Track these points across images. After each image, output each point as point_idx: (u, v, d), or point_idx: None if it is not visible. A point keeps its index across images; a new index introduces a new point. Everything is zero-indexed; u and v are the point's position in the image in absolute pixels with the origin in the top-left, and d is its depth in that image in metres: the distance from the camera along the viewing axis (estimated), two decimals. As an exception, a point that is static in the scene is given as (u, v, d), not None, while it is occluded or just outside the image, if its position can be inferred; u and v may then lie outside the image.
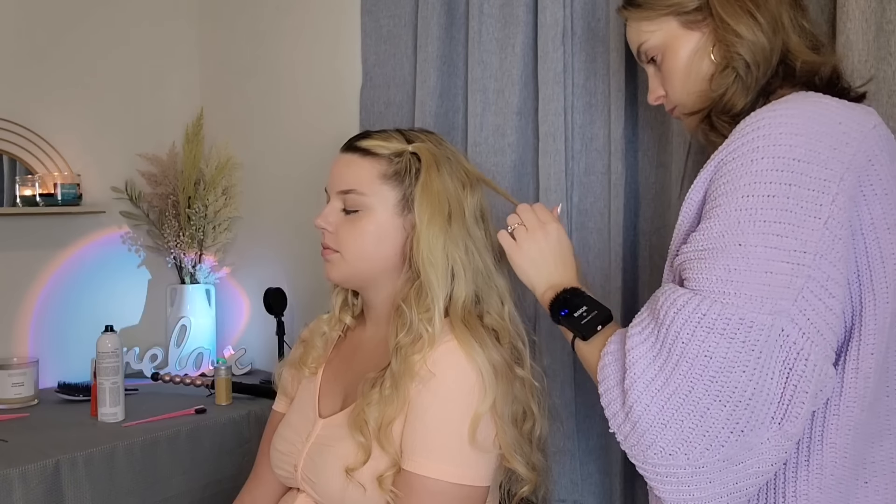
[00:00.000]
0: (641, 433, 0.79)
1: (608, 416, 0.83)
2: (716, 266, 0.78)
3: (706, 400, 0.76)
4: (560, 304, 0.96)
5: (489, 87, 1.52)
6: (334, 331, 1.21)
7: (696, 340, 0.76)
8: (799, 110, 0.82)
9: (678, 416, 0.77)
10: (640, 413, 0.78)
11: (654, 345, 0.79)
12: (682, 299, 0.78)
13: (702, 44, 0.95)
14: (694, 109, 0.97)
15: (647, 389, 0.78)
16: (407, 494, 0.99)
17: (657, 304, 0.82)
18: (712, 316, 0.76)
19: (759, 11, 0.91)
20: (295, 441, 1.13)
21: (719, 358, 0.75)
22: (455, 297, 1.06)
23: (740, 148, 0.81)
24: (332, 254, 1.11)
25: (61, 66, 2.01)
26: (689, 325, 0.77)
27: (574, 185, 1.44)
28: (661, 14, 0.97)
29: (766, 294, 0.77)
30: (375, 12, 1.76)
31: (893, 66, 1.05)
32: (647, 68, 1.03)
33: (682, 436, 0.77)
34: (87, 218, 2.04)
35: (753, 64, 0.90)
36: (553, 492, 1.39)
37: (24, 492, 1.38)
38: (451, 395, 1.00)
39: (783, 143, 0.79)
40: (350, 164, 1.10)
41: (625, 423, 0.81)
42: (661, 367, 0.78)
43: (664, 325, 0.79)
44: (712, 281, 0.78)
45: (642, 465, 0.81)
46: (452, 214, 1.07)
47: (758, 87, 0.91)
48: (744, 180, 0.79)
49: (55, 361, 1.98)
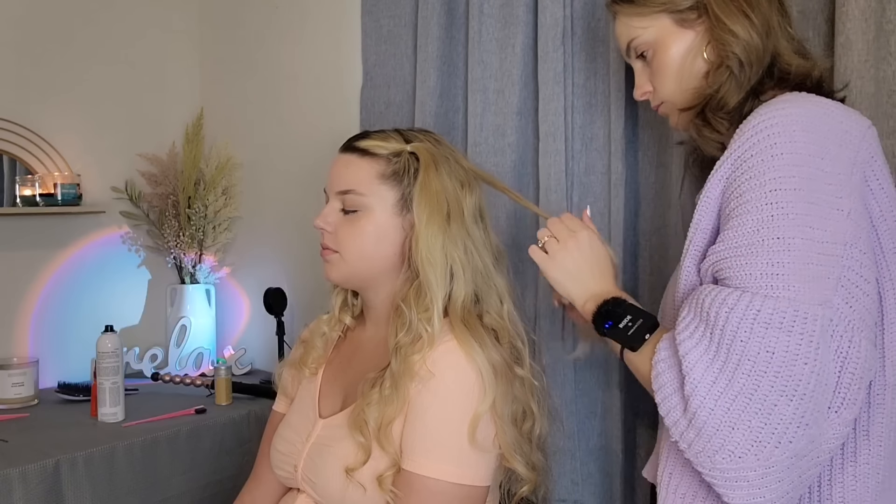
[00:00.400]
0: (708, 438, 0.78)
1: (668, 425, 0.82)
2: (757, 262, 0.79)
3: (773, 396, 0.76)
4: (603, 316, 0.94)
5: (489, 87, 1.52)
6: (334, 331, 1.21)
7: (755, 337, 0.76)
8: (805, 109, 0.83)
9: (746, 416, 0.76)
10: (705, 418, 0.77)
11: (708, 346, 0.79)
12: (731, 298, 0.78)
13: (696, 42, 0.96)
14: (687, 105, 0.98)
15: (710, 393, 0.77)
16: (407, 494, 0.99)
17: (702, 305, 0.81)
18: (767, 311, 0.76)
19: (753, 13, 0.92)
20: (295, 441, 1.13)
21: (781, 352, 0.76)
22: (454, 296, 1.06)
23: (758, 144, 0.82)
24: (331, 254, 1.11)
25: (61, 66, 2.01)
26: (746, 322, 0.77)
27: (574, 185, 1.44)
28: (654, 11, 0.97)
29: (812, 285, 0.78)
30: (375, 12, 1.76)
31: (893, 66, 1.05)
32: (634, 64, 1.04)
33: (751, 436, 0.76)
34: (87, 218, 2.04)
35: (747, 63, 0.92)
36: (553, 492, 1.39)
37: (24, 492, 1.38)
38: (451, 395, 1.00)
39: (798, 139, 0.81)
40: (348, 164, 1.10)
41: (688, 430, 0.80)
42: (722, 368, 0.78)
43: (717, 325, 0.78)
44: (757, 276, 0.78)
45: (710, 472, 0.79)
46: (451, 214, 1.07)
47: (749, 86, 0.93)
48: (768, 175, 0.80)
49: (55, 361, 1.98)
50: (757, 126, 0.83)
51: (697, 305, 0.82)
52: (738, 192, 0.82)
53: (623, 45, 1.03)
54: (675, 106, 1.00)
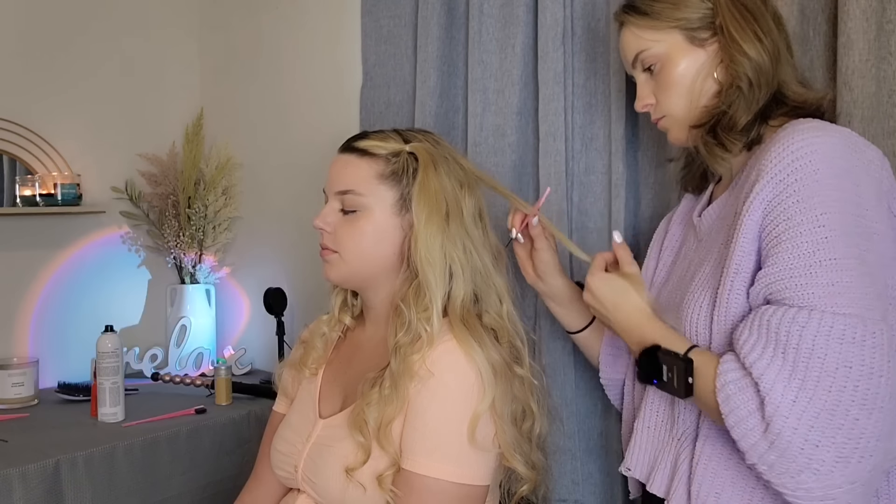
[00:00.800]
0: (793, 458, 0.78)
1: (744, 449, 0.82)
2: (818, 281, 0.80)
3: (854, 410, 0.77)
4: (647, 376, 0.94)
5: (489, 87, 1.52)
6: (334, 331, 1.21)
7: (832, 353, 0.78)
8: (838, 138, 0.86)
9: (829, 433, 0.77)
10: (790, 437, 0.78)
11: (783, 365, 0.79)
12: (801, 316, 0.79)
13: (707, 62, 0.98)
14: (697, 123, 1.00)
15: (793, 411, 0.78)
16: (407, 494, 0.99)
17: (769, 325, 0.81)
18: (840, 327, 0.78)
19: (765, 38, 0.95)
20: (295, 442, 1.13)
21: (858, 366, 0.77)
22: (454, 296, 1.06)
23: (802, 169, 0.84)
24: (330, 254, 1.11)
25: (62, 66, 2.01)
26: (821, 338, 0.78)
27: (574, 185, 1.44)
28: (668, 26, 0.99)
29: (871, 302, 0.80)
30: (375, 12, 1.76)
31: (893, 66, 1.05)
32: (637, 75, 1.05)
33: (836, 452, 0.77)
34: (87, 218, 2.04)
35: (756, 85, 0.94)
36: (553, 491, 1.39)
37: (24, 492, 1.38)
38: (451, 395, 1.00)
39: (838, 165, 0.84)
40: (347, 164, 1.10)
41: (769, 452, 0.80)
42: (801, 386, 0.78)
43: (791, 344, 0.79)
44: (820, 296, 0.80)
45: (794, 492, 0.79)
46: (450, 214, 1.07)
47: (758, 108, 0.95)
48: (816, 199, 0.82)
49: (55, 361, 1.98)
50: (797, 151, 0.84)
51: (762, 326, 0.82)
52: (786, 216, 0.84)
53: (629, 56, 1.04)
54: (679, 121, 1.01)
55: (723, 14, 0.96)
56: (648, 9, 1.00)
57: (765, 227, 0.86)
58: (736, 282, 0.88)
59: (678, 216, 1.15)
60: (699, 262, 0.99)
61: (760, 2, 0.99)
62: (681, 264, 1.07)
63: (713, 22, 0.97)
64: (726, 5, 0.96)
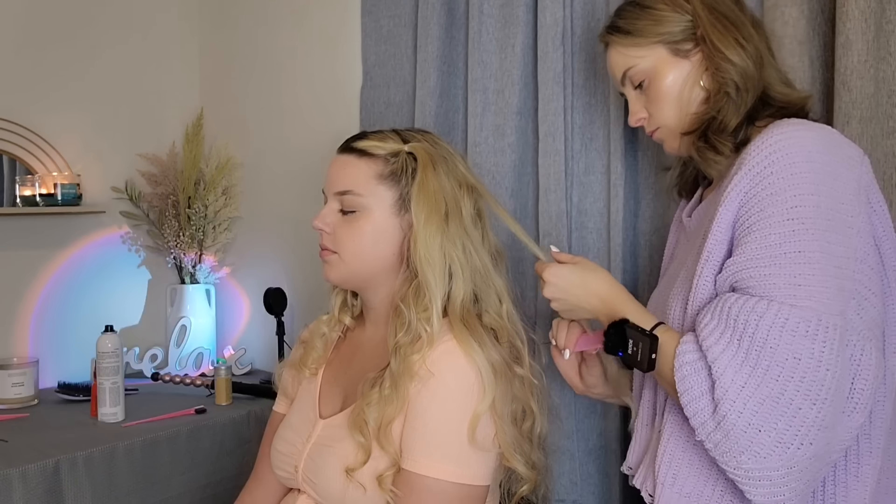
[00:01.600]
0: (736, 439, 0.81)
1: (695, 426, 0.85)
2: (781, 273, 0.83)
3: (798, 400, 0.80)
4: (612, 346, 0.96)
5: (489, 87, 1.52)
6: (334, 332, 1.21)
7: (783, 344, 0.80)
8: (816, 133, 0.88)
9: (772, 419, 0.80)
10: (734, 420, 0.81)
11: (736, 352, 0.82)
12: (760, 306, 0.82)
13: (692, 72, 1.02)
14: (688, 130, 1.03)
15: (740, 396, 0.81)
16: (407, 494, 0.99)
17: (729, 312, 0.84)
18: (794, 319, 0.81)
19: (746, 43, 0.99)
20: (295, 442, 1.13)
21: (807, 359, 0.80)
22: (453, 296, 1.06)
23: (778, 162, 0.86)
24: (330, 255, 1.11)
25: (61, 66, 2.01)
26: (775, 330, 0.81)
27: (574, 185, 1.44)
28: (651, 42, 1.03)
29: (832, 296, 0.82)
30: (375, 12, 1.76)
31: (893, 66, 1.05)
32: (627, 92, 1.08)
33: (776, 437, 0.80)
34: (87, 218, 2.04)
35: (743, 88, 0.97)
36: (553, 491, 1.39)
37: (24, 492, 1.38)
38: (451, 395, 1.00)
39: (815, 159, 0.85)
40: (346, 164, 1.10)
41: (716, 432, 0.83)
42: (751, 373, 0.81)
43: (747, 332, 0.82)
44: (781, 287, 0.82)
45: (734, 470, 0.83)
46: (449, 214, 1.07)
47: (746, 110, 0.98)
48: (789, 192, 0.84)
49: (55, 361, 1.98)
50: (775, 144, 0.87)
51: (723, 312, 0.85)
52: (759, 207, 0.86)
53: (618, 75, 1.08)
54: (673, 131, 1.05)
55: (703, 25, 0.99)
56: (631, 27, 1.04)
57: (739, 217, 0.88)
58: (705, 269, 0.91)
59: (674, 220, 1.18)
60: (684, 260, 1.02)
61: (738, 9, 1.02)
62: (673, 265, 1.10)
63: (694, 33, 1.01)
64: (705, 16, 0.99)
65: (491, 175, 1.51)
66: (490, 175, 1.51)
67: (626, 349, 0.93)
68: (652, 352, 0.91)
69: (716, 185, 1.04)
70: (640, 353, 0.91)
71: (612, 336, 0.95)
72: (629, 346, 0.93)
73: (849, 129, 1.08)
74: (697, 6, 1.00)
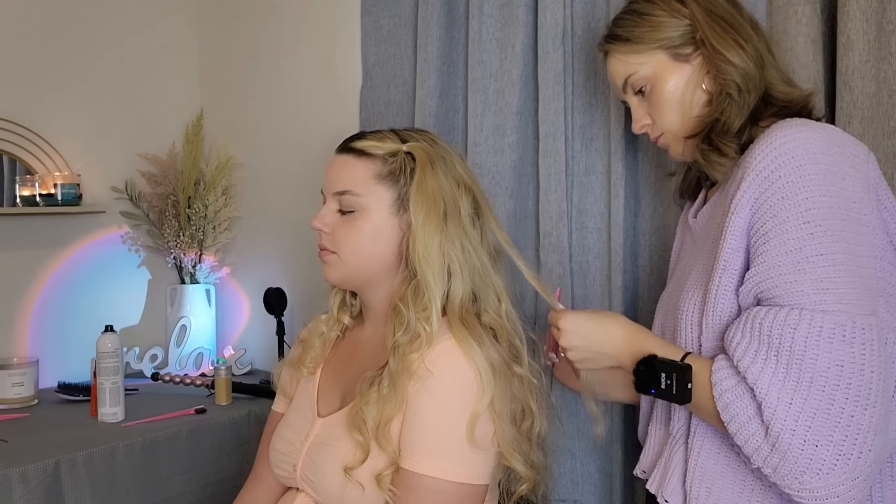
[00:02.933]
0: (795, 459, 0.79)
1: (749, 453, 0.83)
2: (806, 279, 0.81)
3: (849, 408, 0.78)
4: (644, 385, 0.94)
5: (489, 87, 1.52)
6: (332, 331, 1.21)
7: (822, 353, 0.79)
8: (819, 133, 0.87)
9: (827, 432, 0.78)
10: (789, 439, 0.79)
11: (776, 368, 0.80)
12: (791, 317, 0.80)
13: (694, 75, 1.01)
14: (692, 133, 1.02)
15: (790, 413, 0.79)
16: (405, 493, 0.99)
17: (761, 327, 0.82)
18: (829, 326, 0.79)
19: (746, 44, 0.98)
20: (294, 441, 1.13)
21: (849, 364, 0.78)
22: (452, 295, 1.06)
23: (784, 165, 0.85)
24: (329, 255, 1.11)
25: (62, 66, 2.01)
26: (811, 339, 0.79)
27: (574, 185, 1.44)
28: (651, 48, 1.02)
29: (861, 297, 0.81)
30: (375, 12, 1.76)
31: (893, 66, 1.05)
32: (629, 99, 1.08)
33: (834, 451, 0.78)
34: (87, 218, 2.04)
35: (745, 89, 0.97)
36: (553, 491, 1.39)
37: (24, 492, 1.38)
38: (449, 394, 1.00)
39: (821, 160, 0.84)
40: (345, 165, 1.10)
41: (772, 455, 0.81)
42: (795, 387, 0.79)
43: (783, 346, 0.80)
44: (808, 293, 0.81)
45: (799, 493, 0.80)
46: (448, 213, 1.07)
47: (749, 111, 0.97)
48: (801, 195, 0.83)
49: (55, 361, 1.98)
50: (780, 147, 0.86)
51: (754, 329, 0.83)
52: (772, 212, 0.85)
53: (619, 82, 1.07)
54: (677, 135, 1.04)
55: (702, 29, 0.99)
56: (629, 35, 1.04)
57: (752, 224, 0.87)
58: (724, 279, 0.90)
59: (680, 222, 1.18)
60: (693, 262, 1.01)
61: (736, 12, 1.01)
62: (680, 267, 1.09)
63: (693, 37, 1.00)
64: (704, 20, 0.99)
65: (491, 175, 1.51)
66: (490, 175, 1.51)
67: (658, 385, 0.91)
68: (688, 382, 0.88)
69: (720, 185, 1.04)
70: (676, 386, 0.89)
71: (642, 374, 0.93)
72: (661, 381, 0.90)
73: (850, 128, 1.08)
74: (695, 10, 1.00)
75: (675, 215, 1.31)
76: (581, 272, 1.44)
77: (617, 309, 1.37)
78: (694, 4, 1.00)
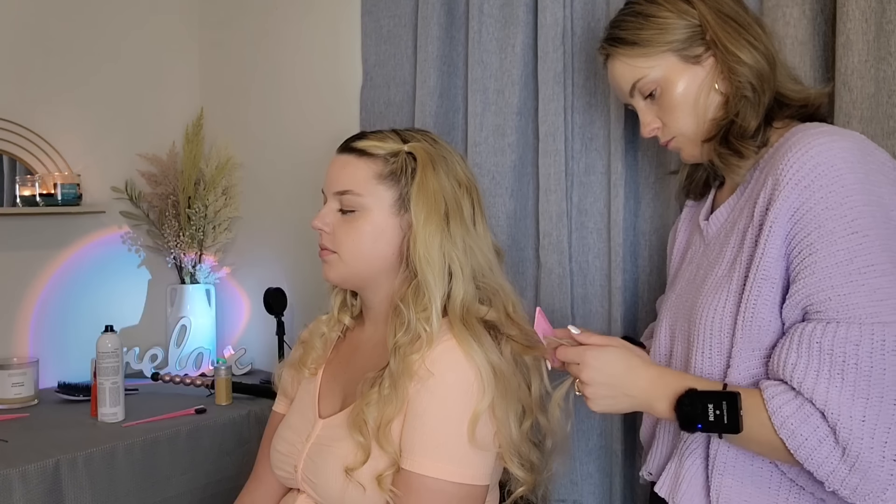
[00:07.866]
0: (876, 477, 0.78)
1: (823, 477, 0.81)
2: (859, 291, 0.80)
3: None
4: (689, 421, 0.88)
5: (489, 87, 1.52)
6: (333, 331, 1.21)
7: (889, 366, 0.78)
8: (850, 141, 0.86)
9: None
10: (869, 457, 0.78)
11: (843, 386, 0.79)
12: (852, 333, 0.79)
13: (706, 77, 0.99)
14: (708, 136, 1.00)
15: (865, 431, 0.78)
16: (406, 494, 0.99)
17: (819, 347, 0.81)
18: (891, 339, 0.78)
19: (758, 43, 0.97)
20: (295, 442, 1.13)
21: None
22: (453, 295, 1.06)
23: (823, 175, 0.83)
24: (329, 254, 1.11)
25: (62, 66, 2.01)
26: (876, 354, 0.78)
27: (574, 185, 1.44)
28: (660, 51, 1.00)
29: None
30: (375, 12, 1.76)
31: (893, 66, 1.05)
32: (636, 103, 1.05)
33: None
34: (87, 218, 2.04)
35: (760, 89, 0.95)
36: (553, 491, 1.39)
37: (24, 492, 1.38)
38: (450, 394, 1.00)
39: (858, 169, 0.83)
40: (346, 164, 1.10)
41: (851, 476, 0.79)
42: (866, 404, 0.78)
43: (848, 364, 0.79)
44: (863, 306, 0.80)
45: None
46: (449, 213, 1.07)
47: (764, 110, 0.95)
48: (845, 205, 0.82)
49: (55, 361, 1.98)
50: (817, 157, 0.84)
51: (811, 348, 0.81)
52: (816, 223, 0.83)
53: (625, 86, 1.04)
54: (692, 139, 1.02)
55: (712, 29, 0.97)
56: (636, 38, 1.01)
57: (794, 234, 0.85)
58: (764, 288, 0.88)
59: (682, 223, 1.16)
60: (709, 266, 0.99)
61: (742, 10, 1.00)
62: (687, 269, 1.07)
63: (703, 38, 0.98)
64: (714, 20, 0.97)
65: (491, 175, 1.51)
66: (490, 175, 1.51)
67: (706, 418, 0.87)
68: (739, 409, 0.85)
69: (731, 187, 1.02)
70: (727, 416, 0.85)
71: (686, 408, 0.88)
72: (710, 413, 0.86)
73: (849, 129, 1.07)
74: (703, 10, 0.98)
75: (675, 215, 1.31)
76: (581, 272, 1.44)
77: (617, 308, 1.38)
78: (702, 5, 0.98)
